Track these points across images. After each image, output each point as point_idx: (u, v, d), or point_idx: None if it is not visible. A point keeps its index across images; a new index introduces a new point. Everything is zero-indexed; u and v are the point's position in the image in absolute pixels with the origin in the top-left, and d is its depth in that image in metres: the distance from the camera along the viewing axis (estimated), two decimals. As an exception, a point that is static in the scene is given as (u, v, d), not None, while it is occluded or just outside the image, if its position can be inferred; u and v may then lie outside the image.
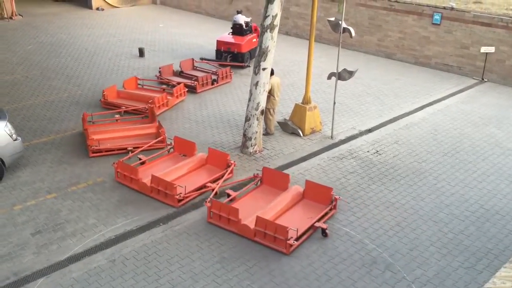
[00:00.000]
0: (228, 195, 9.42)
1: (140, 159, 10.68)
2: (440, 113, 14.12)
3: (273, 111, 12.21)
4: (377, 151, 11.83)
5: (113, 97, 13.86)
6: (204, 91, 15.15)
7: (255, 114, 11.14)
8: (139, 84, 14.88)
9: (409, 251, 8.34)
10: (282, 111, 13.70)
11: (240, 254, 8.12)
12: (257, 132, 11.29)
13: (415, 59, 18.56)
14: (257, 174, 10.16)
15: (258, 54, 10.91)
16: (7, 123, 10.06)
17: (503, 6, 17.98)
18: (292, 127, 12.46)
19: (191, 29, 22.82)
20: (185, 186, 9.50)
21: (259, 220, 8.30)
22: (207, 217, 8.93)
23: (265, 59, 10.87)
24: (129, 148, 11.10)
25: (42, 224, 8.72)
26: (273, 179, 9.85)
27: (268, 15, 10.63)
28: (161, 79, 15.34)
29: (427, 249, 8.39)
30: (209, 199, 8.98)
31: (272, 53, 10.96)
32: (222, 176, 10.09)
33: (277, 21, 10.71)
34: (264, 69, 10.93)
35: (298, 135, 12.36)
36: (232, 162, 10.41)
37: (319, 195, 9.35)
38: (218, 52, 17.67)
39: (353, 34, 11.57)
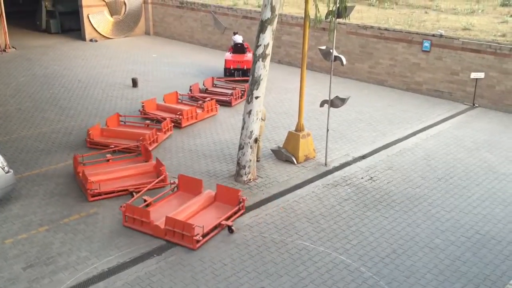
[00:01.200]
0: (145, 201, 9.98)
1: (106, 157, 11.94)
2: (433, 139, 14.21)
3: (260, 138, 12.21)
4: (371, 177, 11.83)
5: (153, 109, 15.57)
6: (237, 104, 16.75)
7: (249, 143, 11.15)
8: (179, 99, 16.44)
9: (406, 278, 8.25)
10: (276, 138, 13.73)
11: (235, 285, 8.00)
12: (251, 160, 11.28)
13: (406, 85, 18.77)
14: (174, 181, 10.73)
15: (251, 82, 11.00)
16: (-1, 155, 10.01)
17: (491, 32, 18.32)
18: (285, 154, 12.46)
19: (184, 59, 23.04)
20: (100, 184, 10.44)
21: (168, 220, 9.05)
22: (122, 221, 9.60)
23: (257, 88, 10.95)
24: (110, 148, 12.53)
25: (34, 258, 8.57)
26: (188, 185, 10.55)
27: (260, 44, 10.76)
28: (192, 96, 16.78)
29: (424, 276, 8.31)
30: (125, 204, 9.56)
31: (265, 82, 11.06)
32: (150, 183, 10.71)
33: (269, 50, 10.84)
34: (257, 97, 11.00)
35: (292, 162, 12.35)
36: (165, 173, 10.86)
37: (228, 197, 10.12)
38: (228, 70, 19.21)
39: (345, 62, 11.71)
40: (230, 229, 9.40)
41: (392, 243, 9.22)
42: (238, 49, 19.50)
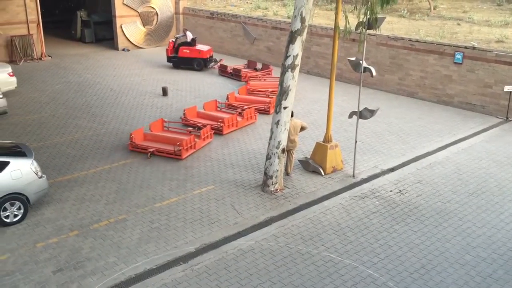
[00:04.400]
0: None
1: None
2: (464, 152, 13.92)
3: (289, 152, 12.08)
4: (400, 190, 11.65)
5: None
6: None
7: (276, 153, 11.15)
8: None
9: (435, 295, 8.08)
10: (303, 149, 13.69)
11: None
12: (278, 170, 11.27)
13: (437, 98, 18.48)
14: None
15: (280, 93, 11.02)
16: (33, 160, 10.28)
17: (526, 45, 17.92)
18: (313, 165, 12.41)
19: (212, 69, 23.25)
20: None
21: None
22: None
23: (286, 98, 10.96)
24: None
25: (64, 262, 8.75)
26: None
27: (290, 55, 10.79)
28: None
29: (454, 293, 8.11)
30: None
31: (293, 92, 11.06)
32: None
33: (298, 61, 10.86)
34: (285, 107, 11.01)
35: (319, 173, 12.29)
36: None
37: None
38: (208, 59, 22.71)
39: (374, 73, 11.63)
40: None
41: (421, 258, 9.05)
42: (194, 42, 22.88)
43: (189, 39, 23.03)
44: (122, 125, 15.64)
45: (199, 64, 22.60)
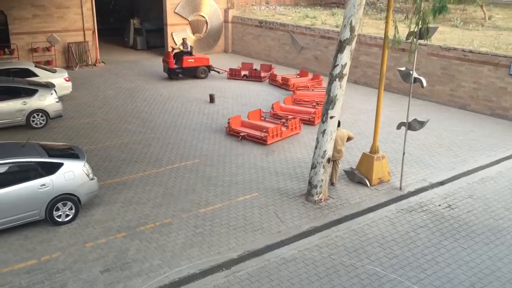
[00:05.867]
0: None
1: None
2: (519, 168, 13.35)
3: (335, 162, 11.99)
4: (450, 205, 11.29)
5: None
6: None
7: (321, 162, 11.07)
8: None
9: (485, 315, 7.76)
10: (349, 160, 13.52)
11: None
12: (322, 180, 11.17)
13: (491, 110, 17.82)
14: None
15: (326, 102, 10.95)
16: (85, 163, 10.66)
17: None
18: (359, 176, 12.23)
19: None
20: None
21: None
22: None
23: (333, 107, 10.88)
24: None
25: (111, 263, 8.99)
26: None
27: (338, 64, 10.71)
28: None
29: (505, 315, 7.77)
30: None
31: (340, 102, 10.96)
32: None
33: (346, 70, 10.76)
34: (332, 117, 10.92)
35: (365, 184, 12.09)
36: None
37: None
38: (210, 66, 23.43)
39: (425, 84, 11.37)
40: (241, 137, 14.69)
41: (471, 276, 8.72)
42: (192, 51, 23.62)
43: (189, 49, 23.52)
44: (169, 131, 15.97)
45: (204, 71, 23.11)
